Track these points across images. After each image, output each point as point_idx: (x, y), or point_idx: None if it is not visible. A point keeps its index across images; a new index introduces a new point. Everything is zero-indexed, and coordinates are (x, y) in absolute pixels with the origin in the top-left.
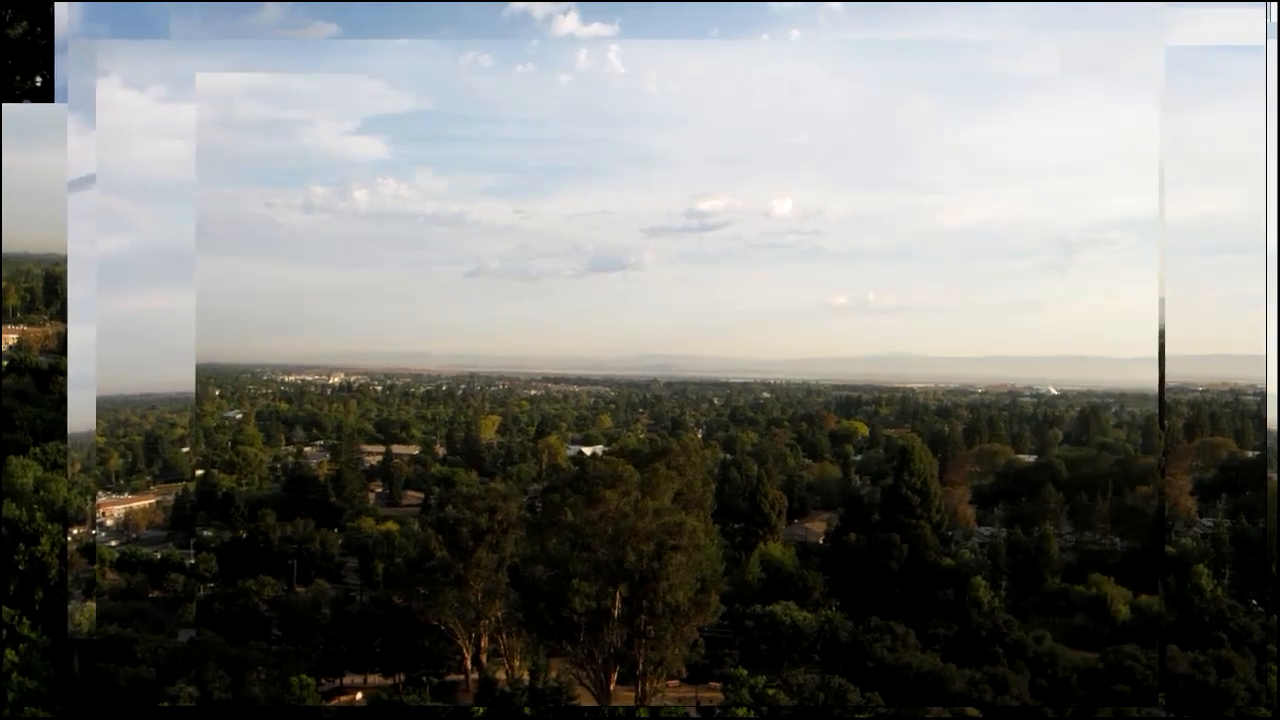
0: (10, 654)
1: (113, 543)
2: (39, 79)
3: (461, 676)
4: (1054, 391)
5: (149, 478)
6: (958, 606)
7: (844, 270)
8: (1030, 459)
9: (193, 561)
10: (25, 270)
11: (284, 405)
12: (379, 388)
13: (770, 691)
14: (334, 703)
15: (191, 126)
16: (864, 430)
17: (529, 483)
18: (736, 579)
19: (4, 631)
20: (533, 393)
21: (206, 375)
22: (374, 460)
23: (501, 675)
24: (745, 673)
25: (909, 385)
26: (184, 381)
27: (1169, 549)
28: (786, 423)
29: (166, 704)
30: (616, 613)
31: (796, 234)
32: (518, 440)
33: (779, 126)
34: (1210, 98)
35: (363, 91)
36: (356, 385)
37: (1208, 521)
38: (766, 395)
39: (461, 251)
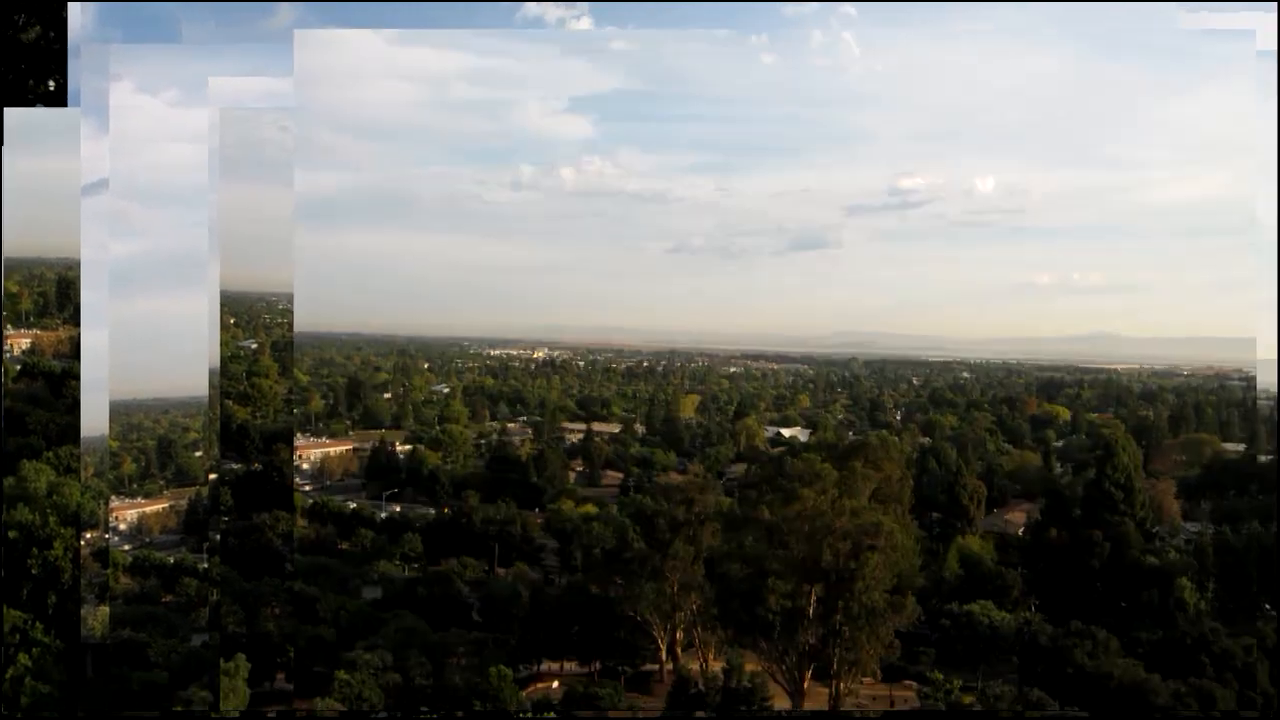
0: (23, 658)
1: (125, 547)
2: (51, 83)
3: (656, 667)
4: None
5: (162, 482)
6: (1161, 609)
7: (1047, 248)
8: (1239, 449)
9: (205, 566)
10: (39, 274)
11: (489, 380)
12: (581, 363)
13: (967, 700)
14: (529, 691)
15: (205, 130)
16: (1065, 415)
17: (727, 464)
18: (934, 574)
19: (17, 636)
20: (732, 370)
21: (416, 348)
22: (575, 438)
23: (695, 668)
24: (942, 677)
25: (1113, 366)
26: (197, 386)
27: (1151, 559)
28: (986, 405)
29: (179, 708)
30: (811, 612)
31: (999, 212)
32: (716, 420)
33: (980, 103)
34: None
35: (570, 72)
36: (560, 361)
37: (1193, 526)
38: (966, 376)
39: (664, 229)
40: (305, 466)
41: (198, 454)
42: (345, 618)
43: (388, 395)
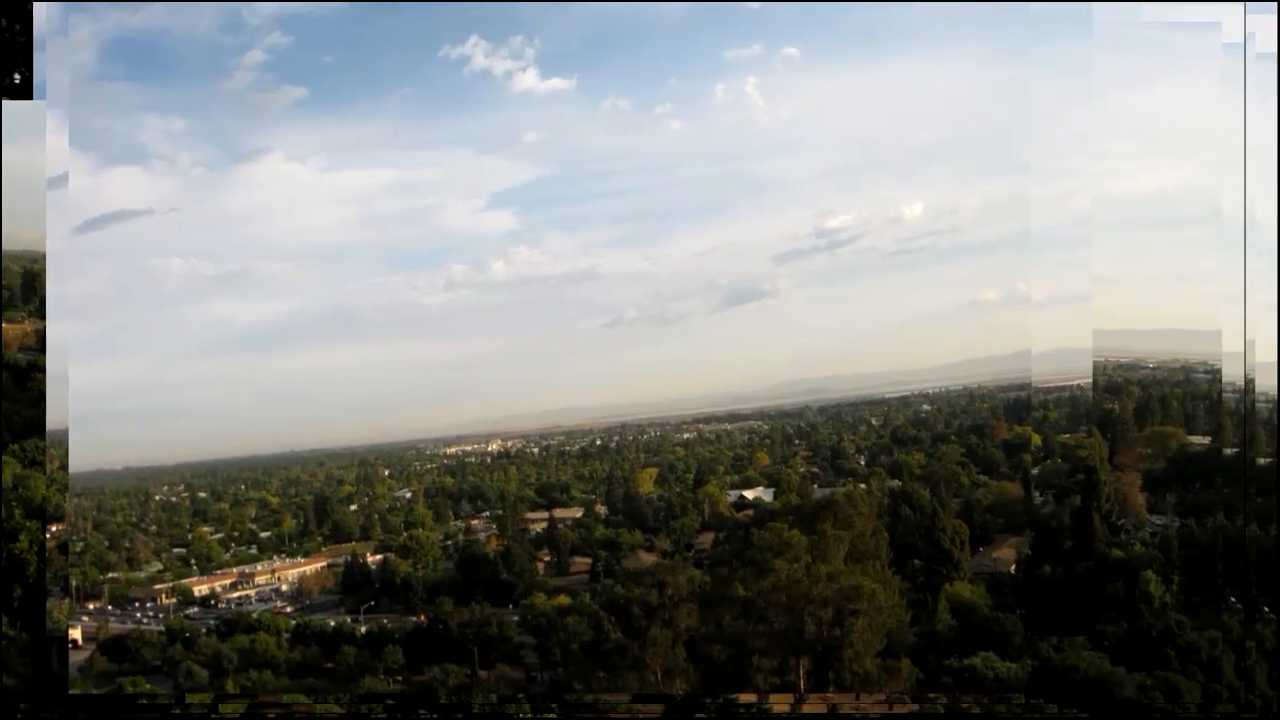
0: None
1: (288, 609)
2: (17, 76)
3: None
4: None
5: (319, 539)
6: (1127, 602)
7: (987, 263)
8: (1204, 441)
9: (364, 629)
10: (4, 267)
11: (448, 480)
12: (535, 449)
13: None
14: None
15: None
16: (1037, 440)
17: (693, 535)
18: (925, 629)
19: None
20: (685, 436)
21: (375, 456)
22: (538, 528)
23: None
24: None
25: (1075, 382)
26: (350, 438)
27: (1117, 552)
28: (954, 437)
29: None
30: (803, 685)
31: (932, 234)
32: (676, 490)
33: (894, 130)
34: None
35: (485, 169)
36: (514, 451)
37: (1158, 519)
38: (927, 408)
39: (598, 305)
40: (284, 588)
41: (353, 508)
42: None
43: (354, 507)
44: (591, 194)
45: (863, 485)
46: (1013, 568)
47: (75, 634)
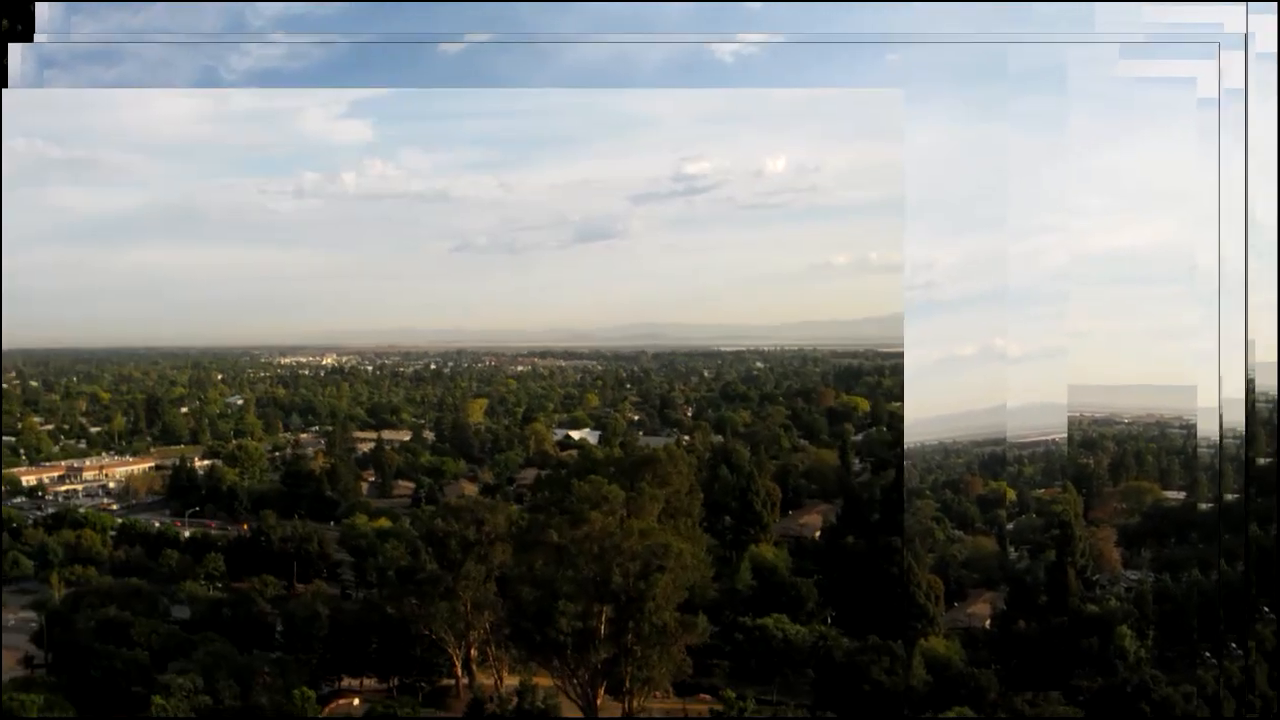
0: None
1: (114, 506)
2: None
3: (452, 682)
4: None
5: (149, 439)
6: (1101, 658)
7: (843, 228)
8: (1179, 496)
9: (188, 534)
10: None
11: (281, 391)
12: (370, 368)
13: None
14: (330, 708)
15: None
16: (865, 406)
17: (516, 470)
18: (726, 586)
19: None
20: (519, 369)
21: (210, 360)
22: (366, 447)
23: (489, 683)
24: (733, 695)
25: (1050, 437)
26: (188, 336)
27: (1091, 607)
28: (781, 399)
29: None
30: (603, 631)
31: (791, 191)
32: (504, 424)
33: (769, 79)
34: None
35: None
36: (348, 367)
37: (1133, 575)
38: (760, 366)
39: (448, 228)
40: (112, 485)
41: (184, 411)
42: (157, 640)
43: (185, 410)
44: (452, 112)
45: (686, 438)
46: (817, 534)
47: None
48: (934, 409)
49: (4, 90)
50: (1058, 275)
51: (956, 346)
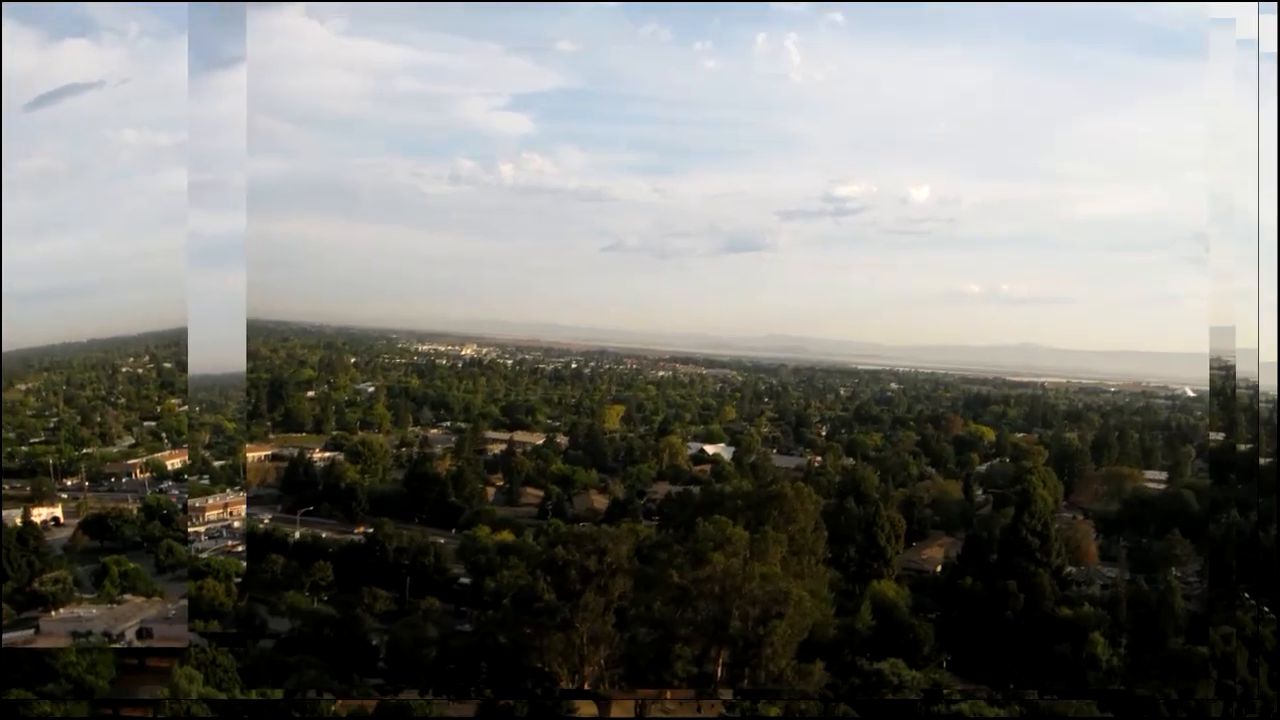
0: None
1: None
2: None
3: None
4: (1190, 393)
5: (268, 424)
6: (1074, 663)
7: (977, 258)
8: (1160, 485)
9: (298, 536)
10: None
11: (414, 381)
12: (509, 362)
13: None
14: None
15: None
16: (991, 436)
17: (648, 483)
18: (847, 625)
19: None
20: (660, 374)
21: (344, 341)
22: (497, 449)
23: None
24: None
25: (1039, 380)
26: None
27: (1065, 611)
28: (912, 423)
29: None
30: (719, 674)
31: (932, 221)
32: (640, 432)
33: (916, 113)
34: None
35: (512, 68)
36: (488, 360)
37: (1109, 571)
38: (894, 387)
39: (600, 227)
40: (237, 524)
41: (310, 395)
42: (248, 661)
43: (311, 394)
44: (614, 115)
45: (818, 459)
46: (938, 569)
47: (57, 511)
48: (931, 338)
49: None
50: (1058, 234)
51: (963, 283)
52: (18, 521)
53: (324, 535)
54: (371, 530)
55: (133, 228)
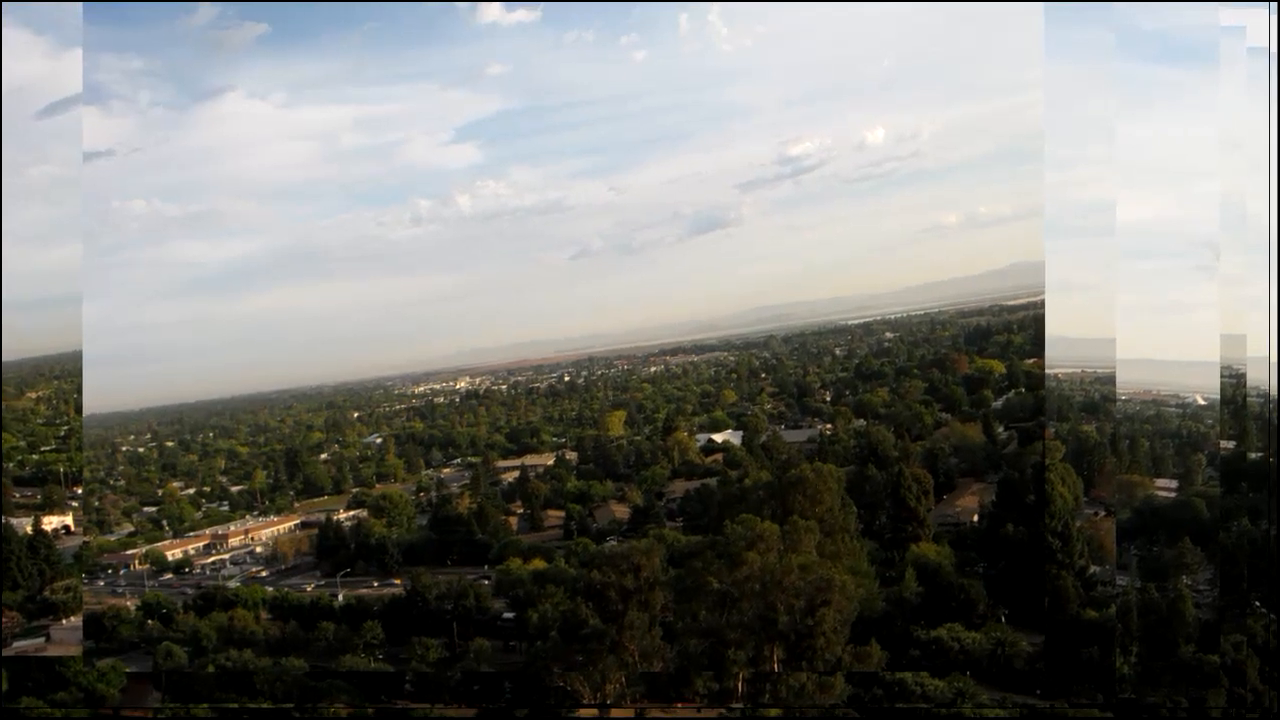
0: None
1: (264, 573)
2: None
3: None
4: (1201, 401)
5: (291, 493)
6: (1101, 670)
7: (949, 187)
8: (1171, 493)
9: (341, 599)
10: None
11: (418, 424)
12: (503, 387)
13: None
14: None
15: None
16: (1000, 368)
17: (664, 483)
18: (894, 595)
19: None
20: (653, 369)
21: (343, 398)
22: (510, 477)
23: None
24: None
25: (1037, 299)
26: (316, 377)
27: (1091, 613)
28: (916, 371)
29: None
30: (777, 668)
31: (894, 160)
32: (645, 433)
33: (857, 55)
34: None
35: (450, 102)
36: (483, 390)
37: (1121, 579)
38: (890, 335)
39: (565, 237)
40: (259, 550)
41: (323, 458)
42: None
43: (324, 456)
44: (557, 125)
45: (828, 427)
46: (975, 518)
47: (68, 519)
48: (916, 277)
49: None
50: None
51: (939, 215)
52: (29, 530)
53: (366, 594)
54: (409, 581)
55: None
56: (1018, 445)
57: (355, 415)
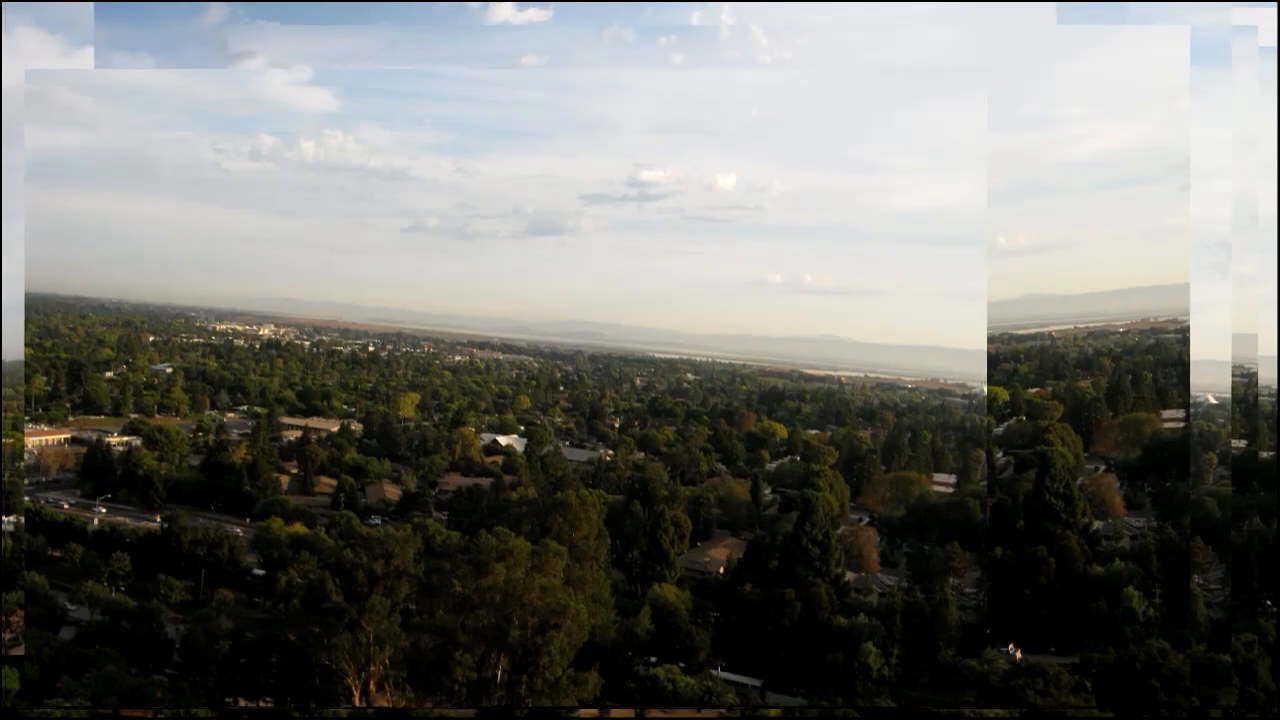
0: None
1: (25, 483)
2: None
3: (348, 710)
4: (1212, 400)
5: (68, 405)
6: (1110, 622)
7: (782, 248)
8: (1177, 416)
9: (96, 524)
10: None
11: (212, 364)
12: (306, 344)
13: None
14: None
15: None
16: (783, 433)
17: (440, 473)
18: (627, 628)
19: None
20: (457, 359)
21: (142, 319)
22: (294, 435)
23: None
24: None
25: (837, 374)
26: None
27: (1097, 569)
28: (705, 417)
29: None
30: (499, 678)
31: (739, 209)
32: (435, 420)
33: (728, 100)
34: None
35: (318, 41)
36: (285, 341)
37: (1136, 521)
38: (690, 378)
39: (402, 207)
40: (25, 457)
41: (109, 376)
42: (49, 654)
43: (110, 374)
44: (418, 93)
45: (609, 453)
46: (721, 570)
47: None
48: (732, 328)
49: None
50: (865, 224)
51: (767, 273)
52: None
53: (123, 525)
54: (168, 519)
55: None
56: (778, 509)
57: (150, 339)
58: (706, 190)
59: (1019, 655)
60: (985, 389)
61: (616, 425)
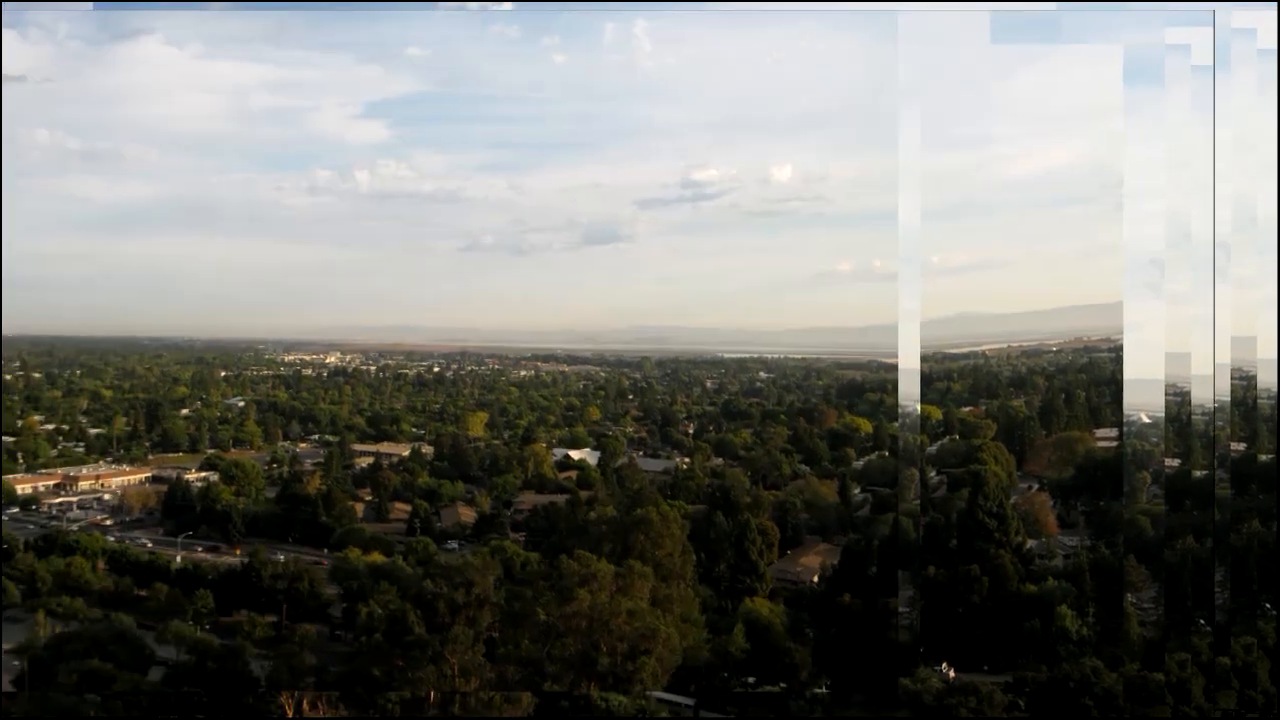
0: None
1: (108, 522)
2: None
3: None
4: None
5: (147, 445)
6: (1043, 641)
7: (846, 236)
8: (1111, 435)
9: (179, 562)
10: None
11: (282, 394)
12: (372, 369)
13: None
14: None
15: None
16: (868, 428)
17: (514, 492)
18: (719, 647)
19: None
20: (523, 374)
21: (214, 355)
22: (364, 462)
23: None
24: None
25: (980, 348)
26: (190, 328)
27: (1030, 588)
28: (783, 417)
29: None
30: None
31: (798, 200)
32: (505, 438)
33: (779, 91)
34: None
35: (363, 77)
36: (351, 368)
37: (1069, 540)
38: (764, 376)
39: (458, 228)
40: (107, 497)
41: (184, 413)
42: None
43: (185, 411)
44: (466, 116)
45: (685, 461)
46: (815, 579)
47: None
48: (801, 320)
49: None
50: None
51: (833, 263)
52: None
53: (203, 561)
54: (248, 554)
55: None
56: (870, 511)
57: (222, 374)
58: (762, 184)
59: (952, 674)
60: (919, 408)
61: (690, 431)
